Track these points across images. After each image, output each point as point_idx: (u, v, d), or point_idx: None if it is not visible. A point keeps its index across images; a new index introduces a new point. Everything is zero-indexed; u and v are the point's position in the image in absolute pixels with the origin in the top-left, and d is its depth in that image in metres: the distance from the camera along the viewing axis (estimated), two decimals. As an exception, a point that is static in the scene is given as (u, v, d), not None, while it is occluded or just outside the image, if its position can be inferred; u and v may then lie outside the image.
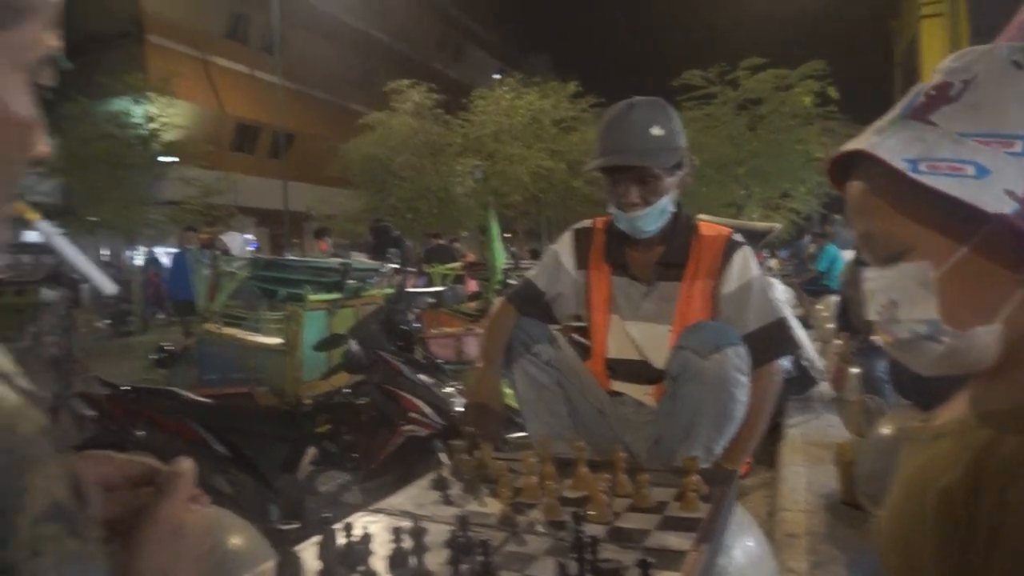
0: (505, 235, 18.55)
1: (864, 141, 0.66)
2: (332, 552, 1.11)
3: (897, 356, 0.69)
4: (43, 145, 0.54)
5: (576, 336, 3.37)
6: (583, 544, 1.01)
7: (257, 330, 4.45)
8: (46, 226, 0.69)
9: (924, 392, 2.40)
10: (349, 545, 1.13)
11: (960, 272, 0.62)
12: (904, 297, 0.65)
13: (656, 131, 1.77)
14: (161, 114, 16.13)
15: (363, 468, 3.07)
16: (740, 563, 1.70)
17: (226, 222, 16.81)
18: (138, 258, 14.63)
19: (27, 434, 0.42)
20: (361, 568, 1.06)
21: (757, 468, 4.03)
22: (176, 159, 16.23)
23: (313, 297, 3.95)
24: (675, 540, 1.19)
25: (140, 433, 2.70)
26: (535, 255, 10.55)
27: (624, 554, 1.13)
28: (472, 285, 6.37)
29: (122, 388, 2.79)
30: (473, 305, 5.15)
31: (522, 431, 2.44)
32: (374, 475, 2.85)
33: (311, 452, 3.11)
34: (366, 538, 1.08)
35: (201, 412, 2.78)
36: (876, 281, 0.68)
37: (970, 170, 0.60)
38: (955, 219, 0.62)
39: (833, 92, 12.05)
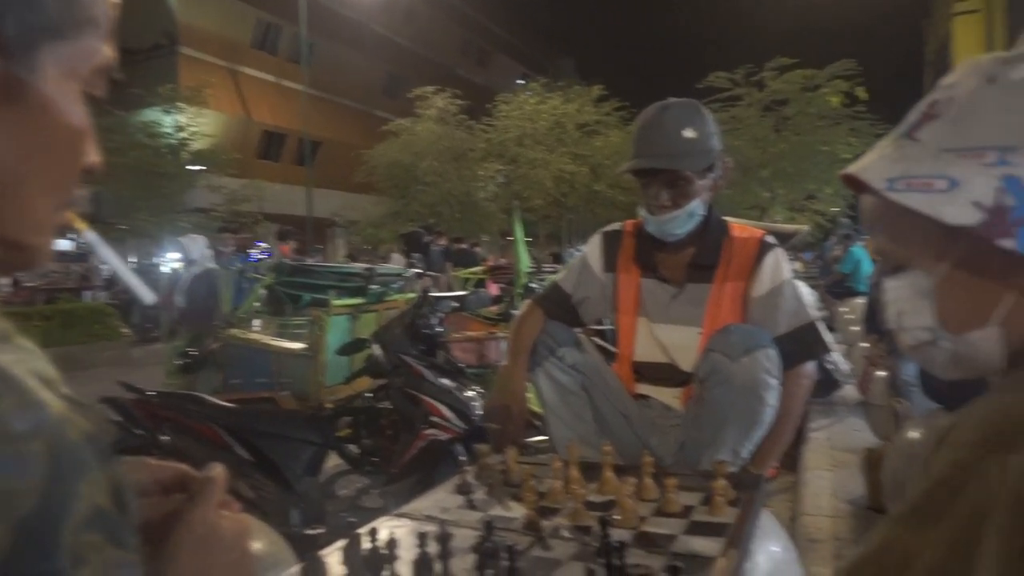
0: (527, 239, 18.59)
1: (860, 162, 0.70)
2: (357, 557, 1.11)
3: (918, 362, 0.73)
4: (95, 154, 0.55)
5: (598, 340, 3.35)
6: (610, 549, 1.00)
7: (282, 335, 4.49)
8: (93, 236, 0.69)
9: (954, 396, 2.34)
10: (374, 550, 1.12)
11: (950, 281, 0.66)
12: (908, 306, 0.70)
13: (689, 133, 1.75)
14: (191, 123, 16.42)
15: (384, 472, 3.07)
16: (765, 568, 1.67)
17: (252, 229, 17.06)
18: (164, 265, 14.85)
19: (73, 440, 0.42)
20: (386, 573, 1.05)
21: (781, 472, 3.97)
22: (204, 167, 16.48)
23: (337, 302, 3.97)
24: (702, 545, 1.16)
25: (165, 438, 2.72)
26: (557, 259, 10.53)
27: (651, 559, 1.11)
28: (494, 289, 6.37)
29: (147, 393, 2.83)
30: (495, 309, 5.14)
31: (544, 435, 2.43)
32: (396, 479, 2.84)
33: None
34: (392, 543, 1.07)
35: (225, 416, 2.80)
36: (888, 292, 0.73)
37: (942, 184, 0.62)
38: (937, 233, 0.64)
39: (862, 93, 11.87)
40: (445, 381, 3.03)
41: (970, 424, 0.57)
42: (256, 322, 5.88)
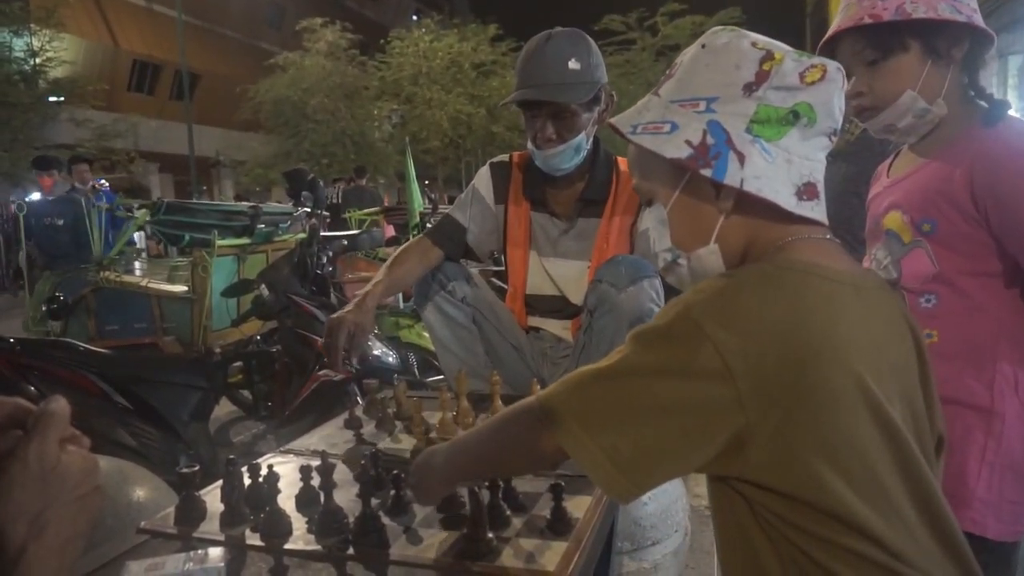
0: (425, 182, 18.28)
1: (622, 114, 0.85)
2: (237, 494, 1.07)
3: (671, 282, 0.88)
4: None
5: (496, 281, 3.36)
6: (496, 472, 1.01)
7: (161, 277, 4.23)
8: None
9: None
10: (254, 486, 1.08)
11: (680, 208, 0.81)
12: (655, 234, 0.84)
13: (573, 64, 1.72)
14: (46, 48, 14.81)
15: (278, 415, 3.00)
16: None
17: (125, 167, 15.82)
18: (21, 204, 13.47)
19: None
20: (268, 508, 1.02)
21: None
22: (64, 99, 15.00)
23: (221, 242, 3.76)
24: (588, 466, 1.20)
25: (31, 388, 2.53)
26: (454, 202, 10.37)
27: (537, 482, 1.14)
28: (390, 230, 6.24)
29: (8, 340, 2.60)
30: (390, 251, 5.05)
31: (441, 374, 2.42)
32: (289, 421, 2.78)
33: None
34: (271, 477, 1.04)
35: (98, 363, 2.62)
36: (642, 224, 0.87)
37: (666, 128, 0.78)
38: (666, 168, 0.80)
39: (746, 42, 12.24)
40: (337, 321, 2.96)
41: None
42: (137, 264, 5.50)
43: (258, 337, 3.56)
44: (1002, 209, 0.98)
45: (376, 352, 2.98)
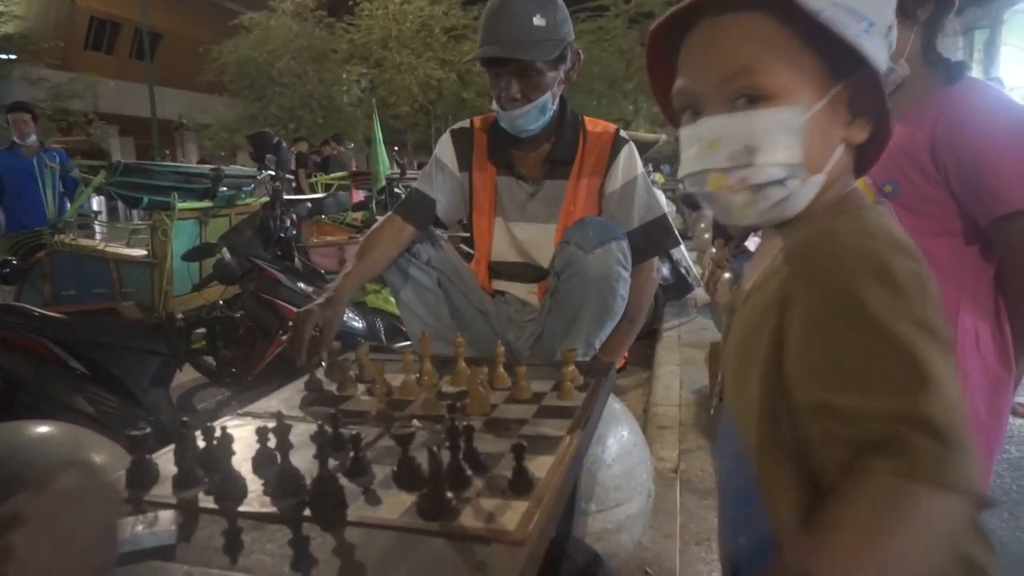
0: (395, 148, 18.02)
1: None
2: (189, 456, 1.04)
3: (721, 209, 0.71)
4: None
5: (464, 247, 3.32)
6: (456, 433, 0.99)
7: (120, 241, 4.11)
8: None
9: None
10: (208, 448, 1.05)
11: (817, 122, 0.66)
12: (767, 142, 0.65)
13: (539, 21, 1.67)
14: (-7, 2, 14.19)
15: (242, 381, 2.96)
16: (615, 450, 1.77)
17: (83, 129, 15.32)
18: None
19: None
20: (222, 470, 0.99)
21: (636, 369, 4.23)
22: (15, 56, 14.39)
23: (182, 205, 3.67)
24: (551, 427, 1.19)
25: (-18, 355, 2.45)
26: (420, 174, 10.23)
27: (500, 443, 1.12)
28: (358, 195, 6.14)
29: (-45, 305, 2.51)
30: (359, 216, 4.97)
31: (409, 341, 2.39)
32: (253, 386, 2.74)
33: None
34: (225, 439, 1.01)
35: (53, 328, 2.54)
36: (726, 127, 0.67)
37: (864, 24, 0.65)
38: (824, 70, 0.66)
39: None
40: (302, 285, 2.91)
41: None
42: (97, 228, 5.32)
43: (221, 302, 3.49)
44: (962, 167, 0.98)
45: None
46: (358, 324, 3.01)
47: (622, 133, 1.83)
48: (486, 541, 0.84)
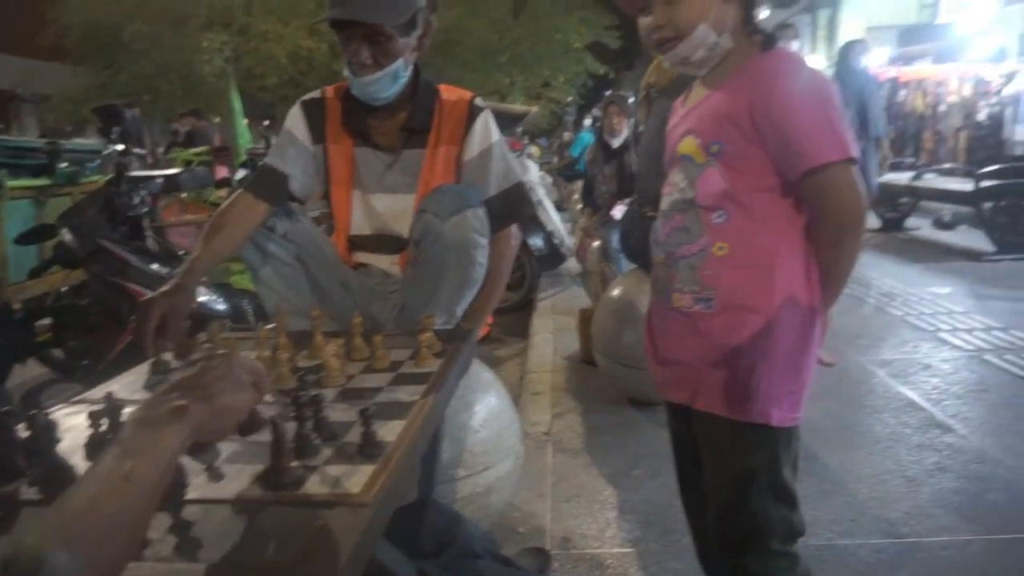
0: (264, 122, 17.13)
1: None
2: (11, 448, 0.97)
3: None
4: None
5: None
6: (303, 404, 0.98)
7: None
8: None
9: (646, 257, 2.67)
10: (31, 438, 0.99)
11: None
12: None
13: None
14: None
15: (94, 372, 2.76)
16: (482, 416, 1.81)
17: None
18: None
19: None
20: (47, 457, 0.93)
21: (512, 339, 4.32)
22: None
23: (13, 183, 3.33)
24: (407, 393, 1.20)
25: None
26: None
27: (352, 412, 1.12)
28: (222, 171, 5.82)
29: None
30: (222, 193, 4.72)
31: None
32: (107, 376, 2.57)
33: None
34: (50, 427, 0.95)
35: None
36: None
37: None
38: None
39: (591, -20, 12.40)
40: (156, 267, 2.75)
41: None
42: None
43: (65, 289, 3.23)
44: (773, 128, 1.08)
45: (202, 299, 2.81)
46: (221, 307, 2.88)
47: (478, 101, 1.84)
48: (330, 505, 0.84)
